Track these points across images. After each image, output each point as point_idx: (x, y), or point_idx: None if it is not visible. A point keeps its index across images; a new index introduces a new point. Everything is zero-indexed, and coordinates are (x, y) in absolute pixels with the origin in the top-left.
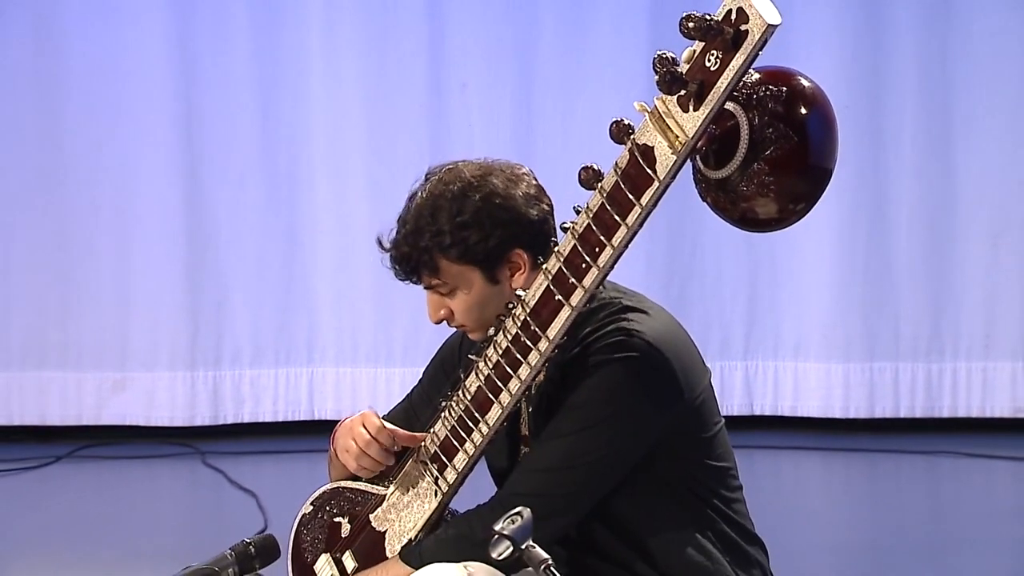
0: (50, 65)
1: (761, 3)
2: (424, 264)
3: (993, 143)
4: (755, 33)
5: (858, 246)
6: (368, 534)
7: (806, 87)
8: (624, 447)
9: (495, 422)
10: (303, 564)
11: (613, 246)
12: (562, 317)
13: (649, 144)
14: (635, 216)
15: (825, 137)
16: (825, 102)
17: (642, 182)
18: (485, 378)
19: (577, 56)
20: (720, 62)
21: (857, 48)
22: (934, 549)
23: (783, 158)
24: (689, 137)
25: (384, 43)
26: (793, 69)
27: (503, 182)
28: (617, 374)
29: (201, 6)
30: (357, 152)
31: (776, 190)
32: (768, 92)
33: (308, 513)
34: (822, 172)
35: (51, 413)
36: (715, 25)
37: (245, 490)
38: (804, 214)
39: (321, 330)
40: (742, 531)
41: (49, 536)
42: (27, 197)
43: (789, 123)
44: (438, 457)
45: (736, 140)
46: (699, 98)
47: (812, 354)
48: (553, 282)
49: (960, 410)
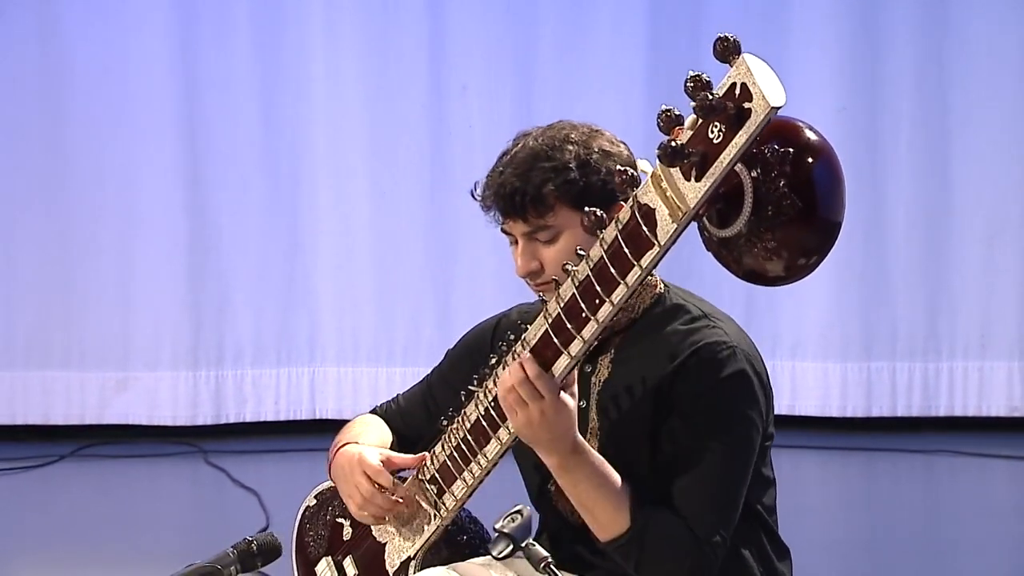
0: (53, 68)
1: (765, 81)
2: (537, 200)
3: (989, 145)
4: (759, 114)
5: (855, 247)
6: (370, 544)
7: (811, 142)
8: (751, 456)
9: (494, 456)
10: (307, 558)
11: (612, 303)
12: (561, 364)
13: (651, 206)
14: (634, 276)
15: (832, 192)
16: (831, 155)
17: (643, 244)
18: (484, 411)
19: (577, 57)
20: (723, 137)
21: (854, 51)
22: (931, 548)
23: (789, 220)
24: (690, 208)
25: (385, 45)
26: (798, 121)
27: (610, 139)
28: (739, 389)
29: (203, 9)
30: (358, 153)
31: (782, 250)
32: (773, 152)
33: (312, 507)
34: (831, 226)
35: (54, 412)
36: (717, 104)
37: (247, 489)
38: (813, 269)
39: (322, 330)
40: (777, 546)
41: (52, 535)
42: (31, 198)
43: (794, 184)
44: (436, 480)
45: (740, 198)
46: (701, 169)
47: (809, 354)
48: (552, 327)
49: (957, 409)
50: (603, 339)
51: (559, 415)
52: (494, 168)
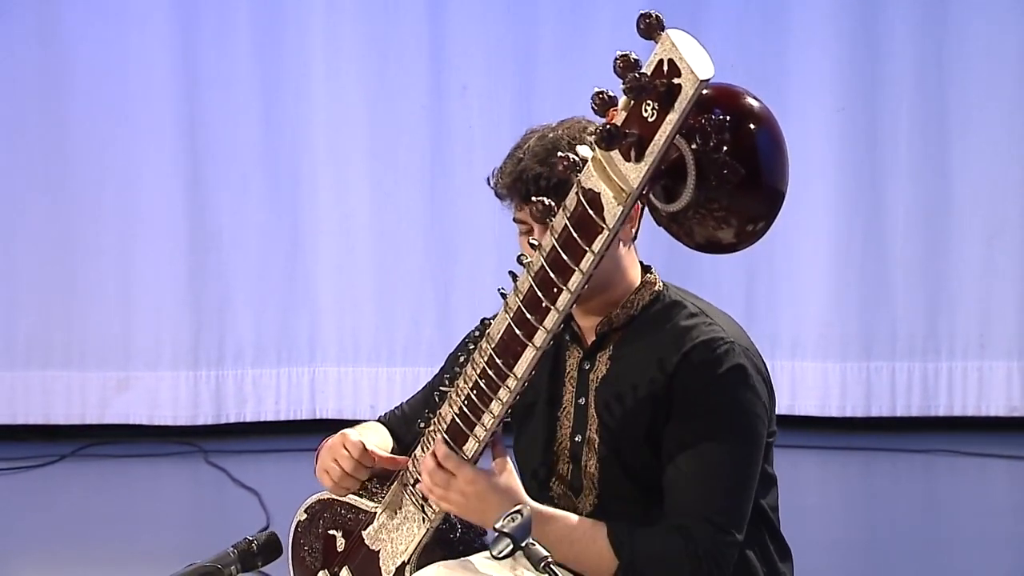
0: (54, 68)
1: (692, 55)
2: (560, 185)
3: (988, 144)
4: (688, 89)
5: (855, 246)
6: (364, 553)
7: (751, 109)
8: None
9: (474, 455)
10: (305, 572)
11: (570, 290)
12: (527, 356)
13: (596, 190)
14: (588, 262)
15: (773, 159)
16: (771, 122)
17: (592, 229)
18: (458, 410)
19: (577, 58)
20: (657, 115)
21: (853, 51)
22: (930, 547)
23: (733, 188)
24: (634, 188)
25: (385, 46)
26: (737, 88)
27: None
28: (739, 384)
29: (204, 9)
30: (358, 154)
31: (731, 218)
32: (710, 121)
33: (303, 521)
34: (775, 194)
35: (55, 412)
36: (647, 83)
37: (247, 488)
38: (763, 234)
39: (323, 330)
40: (780, 547)
41: (53, 534)
42: (32, 198)
43: (736, 152)
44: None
45: (683, 170)
46: (640, 149)
47: (809, 353)
48: (514, 320)
49: (956, 409)
50: (602, 335)
51: (475, 487)
52: (511, 157)
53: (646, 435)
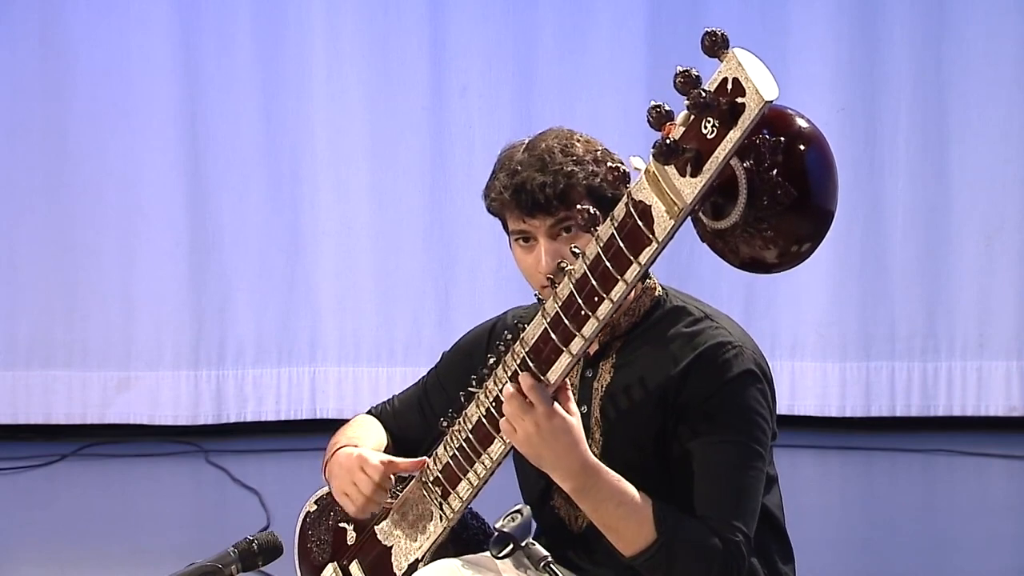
0: (55, 68)
1: (757, 75)
2: (565, 191)
3: (986, 145)
4: (752, 108)
5: (854, 246)
6: (376, 548)
7: (803, 130)
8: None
9: (499, 457)
10: (311, 564)
11: (612, 300)
12: (562, 362)
13: (647, 203)
14: (632, 273)
15: (824, 181)
16: (823, 144)
17: (641, 241)
18: (485, 411)
19: (577, 58)
20: (717, 132)
21: (853, 52)
22: (929, 546)
23: (784, 209)
24: (687, 203)
25: (385, 46)
26: (790, 109)
27: (599, 143)
28: (750, 388)
29: (205, 10)
30: (359, 154)
31: (778, 239)
32: (765, 142)
33: (313, 512)
34: (824, 214)
35: (56, 411)
36: (710, 100)
37: (248, 488)
38: (808, 255)
39: (323, 330)
40: (783, 548)
41: (54, 533)
42: (33, 198)
43: (787, 173)
44: (440, 482)
45: (734, 189)
46: (696, 165)
47: (808, 353)
48: (551, 325)
49: (955, 409)
50: (604, 343)
51: (551, 423)
52: (506, 172)
53: (654, 441)
